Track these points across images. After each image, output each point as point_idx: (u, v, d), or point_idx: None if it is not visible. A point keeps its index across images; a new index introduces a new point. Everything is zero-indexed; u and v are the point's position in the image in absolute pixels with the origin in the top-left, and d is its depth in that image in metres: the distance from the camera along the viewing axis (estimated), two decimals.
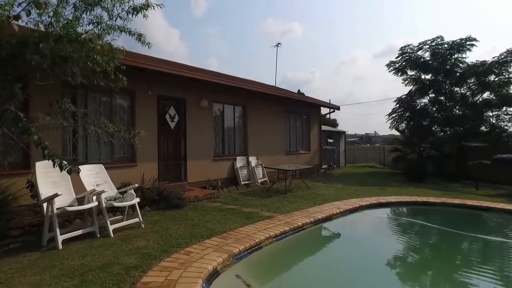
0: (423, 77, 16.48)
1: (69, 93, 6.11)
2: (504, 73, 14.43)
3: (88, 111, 6.43)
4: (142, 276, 3.24)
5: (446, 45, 15.38)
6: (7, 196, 4.60)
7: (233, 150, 10.17)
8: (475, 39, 14.93)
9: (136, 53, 7.78)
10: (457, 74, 15.19)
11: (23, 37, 3.55)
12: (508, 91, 14.37)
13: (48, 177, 4.48)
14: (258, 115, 10.94)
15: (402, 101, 17.16)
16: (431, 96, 16.49)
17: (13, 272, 3.32)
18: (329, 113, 15.46)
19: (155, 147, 7.57)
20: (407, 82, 17.01)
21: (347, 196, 8.25)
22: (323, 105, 14.75)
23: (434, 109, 16.48)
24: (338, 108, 14.99)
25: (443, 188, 10.65)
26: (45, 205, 4.15)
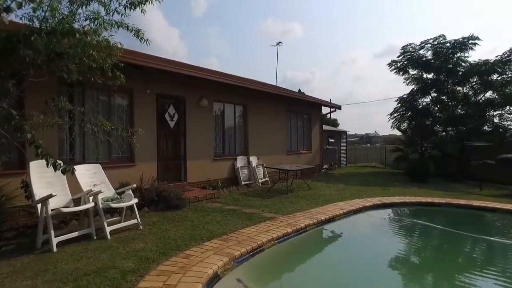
0: (425, 76, 16.35)
1: (66, 91, 5.98)
2: (508, 72, 14.28)
3: (86, 109, 6.27)
4: (139, 281, 3.10)
5: (448, 44, 15.24)
6: (0, 196, 4.46)
7: (233, 149, 10.03)
8: (478, 38, 14.79)
9: (135, 51, 7.64)
10: (460, 73, 15.05)
11: (14, 31, 3.40)
12: None
13: (43, 177, 4.34)
14: (259, 115, 10.79)
15: (404, 100, 17.02)
16: (433, 96, 16.37)
17: (3, 277, 3.18)
18: (329, 113, 15.29)
19: (154, 146, 7.43)
20: (408, 81, 16.89)
21: (349, 196, 8.11)
22: (324, 104, 14.61)
23: (436, 108, 16.34)
24: (339, 107, 14.84)
25: (446, 189, 10.51)
26: (39, 206, 4.01)
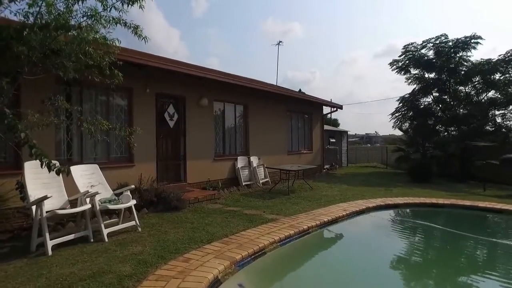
0: (426, 75, 16.21)
1: (63, 90, 5.87)
2: (511, 71, 14.14)
3: (84, 109, 6.15)
4: (137, 286, 2.97)
5: (450, 43, 15.11)
6: None
7: (234, 149, 9.90)
8: (480, 37, 14.67)
9: (134, 50, 7.52)
10: (462, 73, 14.92)
11: (5, 25, 3.27)
12: None
13: (38, 178, 4.20)
14: (260, 114, 10.66)
15: (406, 100, 16.89)
16: (435, 95, 16.23)
17: None
18: (330, 113, 15.16)
19: (153, 146, 7.30)
20: (410, 81, 16.77)
21: (352, 197, 7.98)
22: (325, 104, 14.47)
23: (438, 108, 16.20)
24: (341, 107, 14.71)
25: (449, 189, 10.37)
26: (34, 208, 3.88)
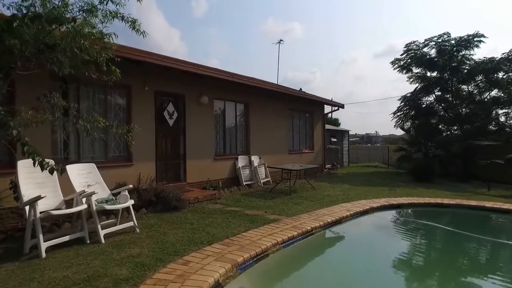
0: (428, 74, 16.04)
1: (60, 87, 5.72)
2: None
3: (81, 107, 6.01)
4: None
5: (453, 42, 14.92)
6: None
7: (234, 149, 9.75)
8: (483, 35, 14.46)
9: (133, 48, 7.37)
10: (465, 71, 14.76)
11: None
12: None
13: (32, 178, 4.06)
14: (261, 113, 10.51)
15: (407, 99, 16.71)
16: (437, 94, 16.07)
17: None
18: (331, 112, 15.00)
19: (152, 145, 7.15)
20: (412, 80, 16.57)
21: (355, 197, 7.84)
22: (327, 102, 14.31)
23: (441, 107, 16.04)
24: (342, 106, 14.54)
25: (452, 189, 10.22)
26: (27, 208, 3.73)
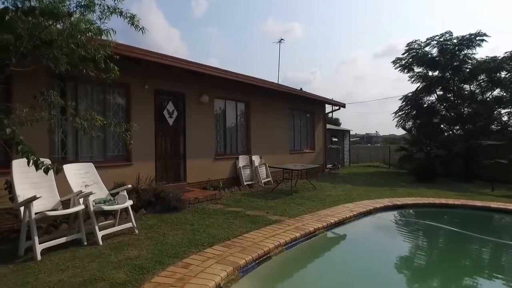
0: (430, 74, 15.93)
1: (58, 85, 5.61)
2: None
3: (79, 105, 5.89)
4: None
5: (455, 41, 14.81)
6: None
7: (235, 148, 9.63)
8: (485, 34, 14.35)
9: (132, 46, 7.23)
10: (467, 71, 14.65)
11: None
12: None
13: (28, 177, 3.93)
14: (262, 112, 10.39)
15: (409, 98, 16.60)
16: (439, 94, 15.95)
17: None
18: (332, 111, 14.89)
19: (152, 144, 7.03)
20: (413, 79, 16.47)
21: (357, 197, 7.72)
22: (328, 102, 14.18)
23: (442, 107, 15.93)
24: (343, 105, 14.41)
25: (455, 189, 10.12)
26: (22, 209, 3.61)
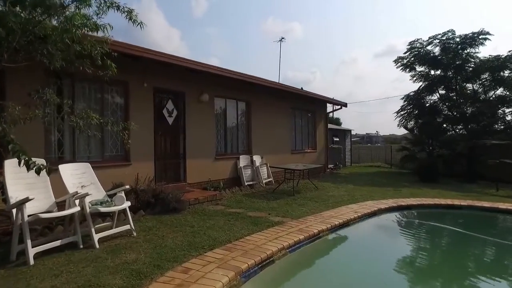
0: (432, 73, 15.77)
1: (54, 83, 5.47)
2: None
3: (75, 104, 5.73)
4: None
5: (457, 39, 14.65)
6: None
7: (236, 148, 9.48)
8: (488, 32, 14.20)
9: (131, 44, 7.08)
10: (470, 70, 14.49)
11: None
12: None
13: (21, 178, 3.78)
14: (263, 112, 10.24)
15: (411, 98, 16.45)
16: (441, 93, 15.79)
17: None
18: (333, 111, 14.75)
19: (151, 144, 6.89)
20: (415, 78, 16.32)
21: (360, 198, 7.57)
22: (329, 101, 14.02)
23: (445, 106, 15.77)
24: (345, 105, 14.27)
25: (459, 189, 9.96)
26: (14, 211, 3.46)
